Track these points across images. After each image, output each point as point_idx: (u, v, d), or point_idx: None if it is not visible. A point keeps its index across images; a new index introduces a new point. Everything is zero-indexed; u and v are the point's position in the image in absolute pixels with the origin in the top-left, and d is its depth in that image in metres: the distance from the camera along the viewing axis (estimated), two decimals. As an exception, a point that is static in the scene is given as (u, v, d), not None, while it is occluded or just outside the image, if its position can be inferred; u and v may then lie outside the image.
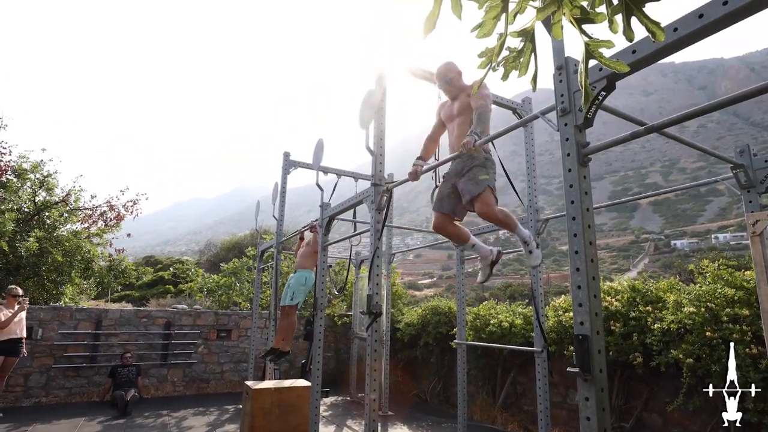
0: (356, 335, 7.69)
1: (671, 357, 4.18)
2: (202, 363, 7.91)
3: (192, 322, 7.96)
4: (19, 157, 8.85)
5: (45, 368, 6.76)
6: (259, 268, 7.15)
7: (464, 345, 5.09)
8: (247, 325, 8.35)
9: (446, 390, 7.47)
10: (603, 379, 1.67)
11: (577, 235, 1.80)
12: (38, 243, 7.71)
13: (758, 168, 2.85)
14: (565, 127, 1.93)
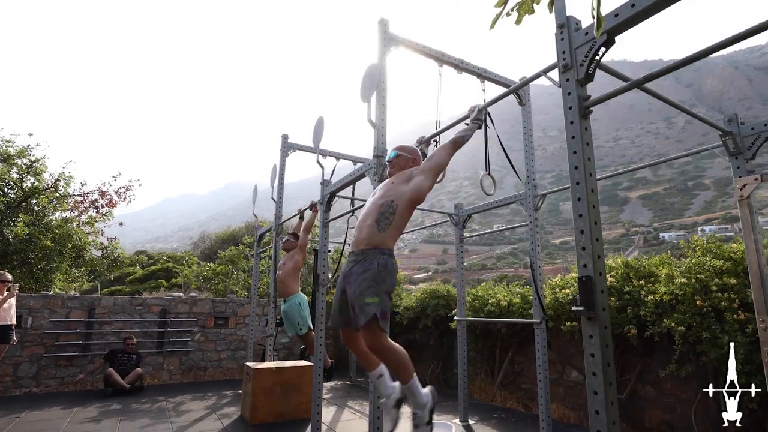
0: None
1: (664, 326, 4.30)
2: (199, 351, 7.86)
3: (188, 310, 7.91)
4: (4, 141, 8.65)
5: (36, 357, 6.63)
6: (256, 253, 7.16)
7: (464, 322, 5.19)
8: (245, 312, 8.35)
9: (445, 372, 7.56)
10: (605, 317, 1.75)
11: (579, 183, 1.88)
12: (27, 228, 7.56)
13: (745, 135, 2.96)
14: (566, 83, 2.00)
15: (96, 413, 5.29)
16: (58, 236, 8.16)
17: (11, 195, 8.61)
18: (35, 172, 8.87)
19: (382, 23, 3.73)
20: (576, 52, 1.98)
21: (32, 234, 7.81)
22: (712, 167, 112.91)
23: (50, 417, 5.07)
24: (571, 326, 5.24)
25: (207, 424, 4.86)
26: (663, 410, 4.72)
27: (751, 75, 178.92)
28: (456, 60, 4.13)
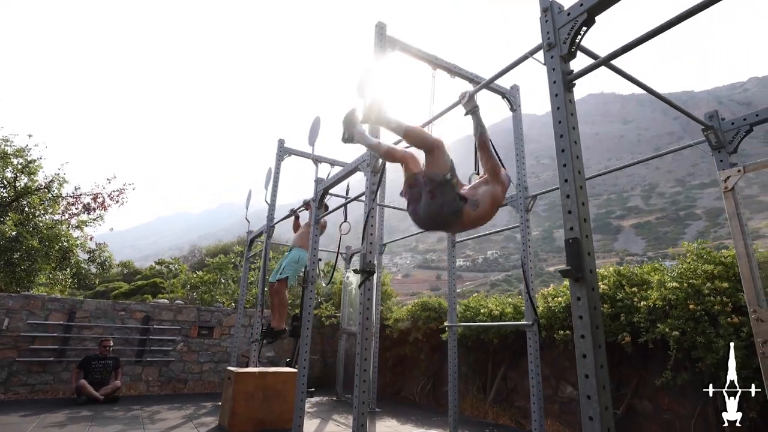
0: (344, 330, 7.61)
1: (658, 332, 4.24)
2: (180, 362, 7.57)
3: (172, 317, 7.67)
4: (2, 140, 8.63)
5: (7, 362, 6.29)
6: (246, 257, 7.05)
7: (455, 328, 5.09)
8: (231, 322, 8.13)
9: (436, 390, 7.39)
10: (594, 279, 1.71)
11: (564, 150, 1.88)
12: (15, 227, 7.45)
13: (726, 130, 3.02)
14: (551, 60, 2.07)
15: (64, 419, 5.00)
16: (45, 237, 8.02)
17: (3, 194, 8.54)
18: (29, 172, 8.80)
19: (379, 26, 3.80)
20: (559, 32, 2.07)
21: (20, 233, 7.68)
22: (702, 197, 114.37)
23: (15, 422, 4.79)
24: (564, 335, 5.15)
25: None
26: (661, 426, 4.60)
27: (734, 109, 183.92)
28: (449, 65, 4.20)
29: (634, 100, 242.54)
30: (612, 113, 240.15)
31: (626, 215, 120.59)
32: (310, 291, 4.27)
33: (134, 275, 21.77)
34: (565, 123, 1.91)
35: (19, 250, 7.72)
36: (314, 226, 4.50)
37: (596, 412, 1.55)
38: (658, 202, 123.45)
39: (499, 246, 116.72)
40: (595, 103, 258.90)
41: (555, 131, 1.93)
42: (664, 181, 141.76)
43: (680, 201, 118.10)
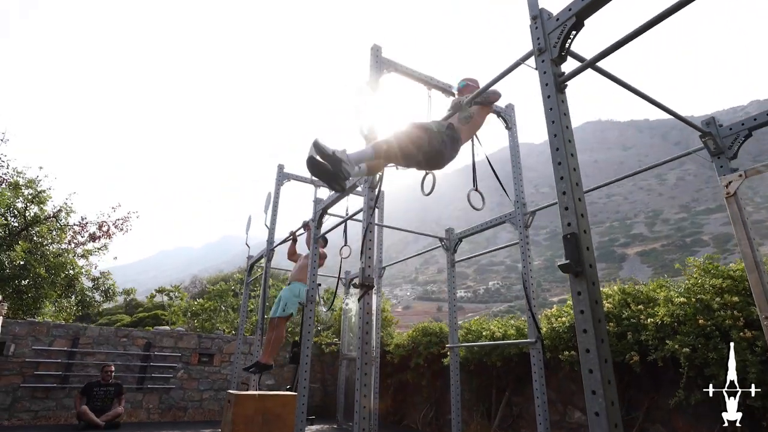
0: (345, 356, 7.46)
1: (667, 350, 4.11)
2: (181, 389, 7.49)
3: (173, 344, 7.63)
4: (15, 172, 8.95)
5: (12, 388, 6.32)
6: (246, 282, 7.00)
7: (456, 350, 4.98)
8: (231, 350, 8.03)
9: (439, 418, 7.15)
10: (593, 273, 1.68)
11: (558, 149, 1.89)
12: (24, 254, 7.59)
13: (725, 136, 3.02)
14: (542, 63, 2.11)
15: None
16: (52, 265, 8.18)
17: (14, 223, 8.80)
18: (39, 202, 9.06)
19: (375, 49, 3.88)
20: (549, 37, 2.11)
21: (28, 261, 7.88)
22: (709, 223, 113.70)
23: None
24: (569, 355, 5.01)
25: (182, 456, 4.52)
26: (677, 452, 4.41)
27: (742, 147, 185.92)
28: (444, 85, 4.26)
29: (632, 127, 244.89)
30: (610, 140, 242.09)
31: (630, 243, 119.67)
32: (310, 311, 4.21)
33: (136, 308, 21.62)
34: (558, 123, 1.92)
35: (27, 278, 7.94)
36: (313, 245, 4.47)
37: (602, 407, 1.49)
38: (663, 229, 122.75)
39: (501, 276, 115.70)
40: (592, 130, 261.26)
41: (549, 131, 1.95)
42: (668, 207, 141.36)
43: (686, 227, 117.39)
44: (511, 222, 4.52)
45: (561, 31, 2.04)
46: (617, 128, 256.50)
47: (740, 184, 2.81)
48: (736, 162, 3.05)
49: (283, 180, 6.67)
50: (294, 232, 6.03)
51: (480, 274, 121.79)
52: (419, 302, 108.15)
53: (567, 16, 2.02)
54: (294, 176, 6.75)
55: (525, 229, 4.41)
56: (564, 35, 2.03)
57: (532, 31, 2.18)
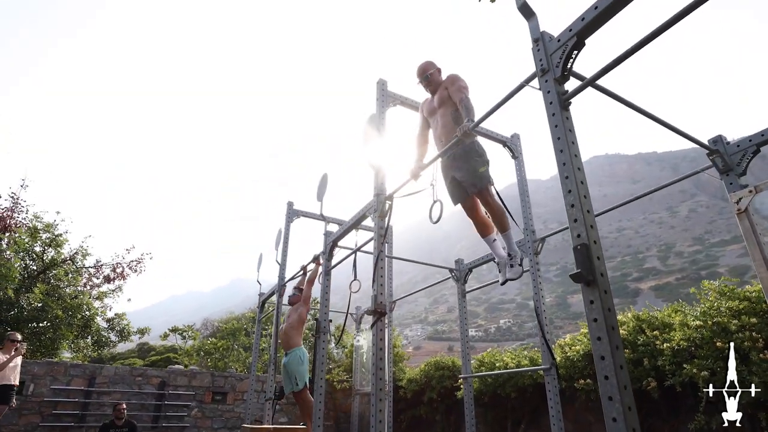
0: (358, 391, 7.34)
1: (685, 374, 4.04)
2: (195, 427, 7.44)
3: (187, 383, 7.61)
4: (34, 216, 9.22)
5: (31, 427, 6.39)
6: (258, 319, 7.02)
7: (470, 380, 4.91)
8: (244, 388, 7.97)
9: (455, 454, 6.95)
10: (605, 282, 1.73)
11: (565, 164, 1.97)
12: (42, 296, 7.75)
13: (732, 153, 3.06)
14: (545, 83, 2.21)
15: None
16: (69, 306, 8.37)
17: (32, 266, 9.05)
18: (56, 245, 9.33)
19: (380, 83, 4.07)
20: (551, 57, 2.22)
21: (45, 303, 8.09)
22: (724, 255, 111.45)
23: None
24: (585, 384, 4.92)
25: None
26: (699, 479, 4.25)
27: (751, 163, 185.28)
28: (450, 115, 4.40)
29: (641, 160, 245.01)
30: (619, 174, 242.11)
31: (644, 277, 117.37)
32: (323, 342, 4.22)
33: (148, 352, 21.49)
34: (564, 138, 2.01)
35: (45, 319, 8.16)
36: (324, 278, 4.53)
37: (619, 412, 1.51)
38: (677, 262, 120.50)
39: (512, 314, 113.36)
40: (600, 164, 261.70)
41: (555, 147, 2.03)
42: (680, 240, 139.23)
43: (701, 260, 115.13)
44: (521, 249, 4.55)
45: (563, 51, 2.14)
46: (625, 161, 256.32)
47: (751, 199, 2.84)
48: (746, 179, 3.09)
49: (293, 217, 6.79)
50: (305, 266, 6.09)
51: (491, 312, 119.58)
52: (429, 342, 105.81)
53: (568, 36, 2.12)
54: (304, 213, 6.87)
55: (535, 256, 4.44)
56: (566, 55, 2.13)
57: (535, 53, 2.28)
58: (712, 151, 3.07)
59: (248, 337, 10.07)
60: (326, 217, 5.99)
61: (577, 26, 2.09)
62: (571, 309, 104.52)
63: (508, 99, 2.71)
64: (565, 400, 5.25)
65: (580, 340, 5.40)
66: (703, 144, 3.06)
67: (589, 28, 2.07)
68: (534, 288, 4.33)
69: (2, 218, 8.89)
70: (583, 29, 2.07)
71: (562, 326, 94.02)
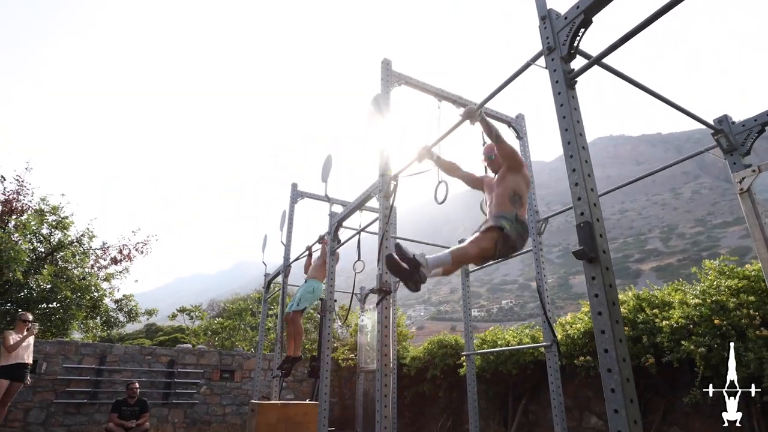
0: (362, 369, 7.51)
1: (683, 350, 4.13)
2: (204, 404, 7.67)
3: (195, 361, 7.82)
4: (40, 200, 9.37)
5: (46, 403, 6.60)
6: (264, 299, 7.15)
7: (473, 357, 5.02)
8: (251, 366, 8.19)
9: (456, 427, 7.13)
10: (607, 259, 1.78)
11: (570, 143, 2.00)
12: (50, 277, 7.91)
13: (737, 133, 3.08)
14: (552, 62, 2.22)
15: None
16: (78, 287, 8.56)
17: (40, 248, 9.18)
18: (63, 227, 9.45)
19: (385, 63, 4.05)
20: (558, 35, 2.22)
21: (54, 284, 8.23)
22: (726, 236, 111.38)
23: None
24: (585, 361, 5.03)
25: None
26: (694, 452, 4.38)
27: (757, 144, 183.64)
28: (454, 96, 4.38)
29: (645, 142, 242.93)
30: (623, 155, 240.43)
31: (645, 258, 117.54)
32: (329, 320, 4.31)
33: (156, 332, 21.86)
34: (569, 117, 2.03)
35: (55, 300, 8.34)
36: (330, 258, 4.61)
37: (618, 383, 1.58)
38: (679, 244, 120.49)
39: (514, 295, 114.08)
40: (604, 146, 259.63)
41: (560, 126, 2.05)
42: (683, 222, 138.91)
43: (702, 241, 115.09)
44: (525, 229, 4.60)
45: (570, 29, 2.13)
46: (630, 143, 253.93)
47: (754, 179, 2.87)
48: (750, 159, 3.10)
49: (297, 198, 6.84)
50: (310, 246, 6.18)
51: (493, 293, 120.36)
52: (432, 322, 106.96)
53: (575, 14, 2.11)
54: (308, 194, 6.92)
55: (538, 236, 4.50)
56: (573, 33, 2.12)
57: (541, 31, 2.27)
58: (716, 130, 3.08)
59: (254, 317, 10.25)
60: (331, 198, 6.04)
61: (585, 3, 2.08)
62: (573, 290, 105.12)
63: (514, 78, 2.72)
64: (565, 377, 5.37)
65: (581, 319, 5.49)
66: (708, 123, 3.07)
67: (597, 5, 2.06)
68: (537, 267, 4.41)
69: (8, 201, 9.01)
70: (591, 6, 2.07)
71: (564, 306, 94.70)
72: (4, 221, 8.73)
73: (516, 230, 2.75)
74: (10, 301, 8.37)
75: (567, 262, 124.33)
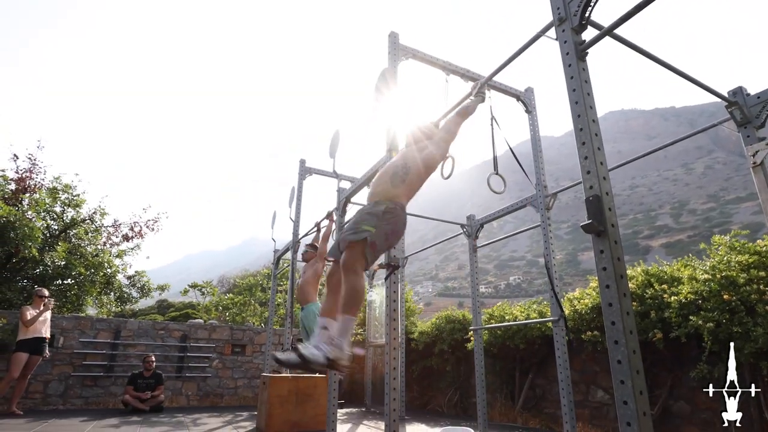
0: (371, 343, 7.64)
1: (690, 326, 4.13)
2: (217, 377, 7.87)
3: (207, 336, 7.99)
4: (54, 178, 9.51)
5: (64, 376, 6.82)
6: (274, 274, 7.24)
7: (480, 332, 5.08)
8: (262, 341, 8.36)
9: (464, 401, 7.27)
10: (615, 232, 1.77)
11: (580, 116, 1.96)
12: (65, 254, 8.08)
13: (752, 105, 3.01)
14: (562, 33, 2.16)
15: (117, 422, 5.42)
16: (91, 264, 8.79)
17: (53, 226, 9.37)
18: (75, 205, 9.63)
19: (392, 36, 3.98)
20: (569, 6, 2.16)
21: (68, 261, 8.45)
22: (738, 212, 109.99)
23: (75, 424, 5.22)
24: (592, 335, 5.06)
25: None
26: (700, 427, 4.44)
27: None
28: (462, 69, 4.30)
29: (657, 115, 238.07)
30: (634, 130, 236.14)
31: (655, 234, 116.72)
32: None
33: (168, 308, 22.33)
34: (579, 90, 1.99)
35: (69, 276, 8.55)
36: (338, 232, 4.63)
37: (624, 355, 1.59)
38: (690, 220, 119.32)
39: (522, 272, 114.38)
40: (615, 120, 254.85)
41: (570, 99, 2.02)
42: (695, 197, 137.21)
43: (714, 217, 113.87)
44: (533, 205, 4.58)
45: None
46: (642, 117, 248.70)
47: (767, 153, 2.83)
48: (765, 132, 3.05)
49: (306, 174, 6.85)
50: (319, 222, 6.20)
51: (501, 269, 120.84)
52: (440, 299, 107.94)
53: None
54: (316, 170, 6.93)
55: (546, 211, 4.46)
56: (584, 3, 2.06)
57: (552, 1, 2.21)
58: (731, 103, 3.02)
59: (264, 293, 10.41)
60: (339, 174, 6.03)
61: (596, -29, 2.03)
62: (581, 266, 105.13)
63: (523, 50, 2.66)
64: (572, 351, 5.43)
65: (589, 294, 5.50)
66: (722, 96, 3.00)
67: (609, -26, 2.01)
68: (545, 242, 4.38)
69: (21, 179, 9.14)
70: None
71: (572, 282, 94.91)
72: (18, 199, 8.88)
73: (383, 228, 2.29)
74: (26, 278, 8.60)
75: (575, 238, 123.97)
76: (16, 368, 5.67)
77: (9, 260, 8.15)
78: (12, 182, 9.05)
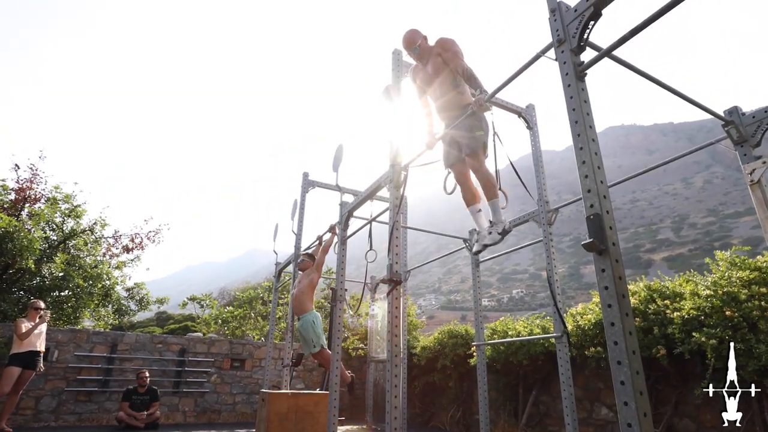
0: (373, 359, 7.58)
1: (694, 342, 4.11)
2: (215, 393, 7.77)
3: (206, 350, 7.91)
4: (53, 188, 9.46)
5: (57, 391, 6.69)
6: (275, 288, 7.22)
7: (483, 347, 5.05)
8: (261, 355, 8.28)
9: (466, 417, 7.19)
10: (617, 251, 1.78)
11: (580, 135, 1.99)
12: (63, 265, 8.02)
13: (747, 124, 3.05)
14: (562, 54, 2.20)
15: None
16: (90, 275, 8.69)
17: (52, 236, 9.30)
18: (75, 215, 9.59)
19: (396, 53, 4.05)
20: (568, 28, 2.21)
21: (67, 272, 8.38)
22: (738, 227, 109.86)
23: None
24: (595, 351, 5.03)
25: (220, 451, 4.75)
26: (706, 445, 4.38)
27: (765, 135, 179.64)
28: (466, 85, 4.37)
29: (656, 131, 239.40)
30: (634, 144, 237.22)
31: (657, 248, 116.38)
32: (339, 310, 4.36)
33: (167, 320, 22.23)
34: (579, 110, 2.02)
35: (67, 288, 8.49)
36: (340, 247, 4.64)
37: (627, 376, 1.58)
38: (691, 234, 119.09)
39: (525, 285, 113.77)
40: (615, 135, 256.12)
41: (570, 118, 2.05)
42: (694, 211, 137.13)
43: (714, 231, 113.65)
44: (535, 220, 4.60)
45: (579, 21, 2.12)
46: (641, 132, 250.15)
47: (764, 171, 2.85)
48: (761, 150, 3.08)
49: (308, 187, 6.86)
50: (321, 236, 6.21)
51: (503, 282, 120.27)
52: (443, 312, 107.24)
53: (585, 6, 2.10)
54: (319, 183, 6.94)
55: (548, 227, 4.48)
56: (582, 25, 2.11)
57: (551, 23, 2.26)
58: (727, 122, 3.05)
59: (265, 306, 10.36)
60: (342, 188, 6.05)
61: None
62: (584, 279, 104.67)
63: (524, 69, 2.70)
64: (576, 368, 5.39)
65: (592, 309, 5.48)
66: (718, 115, 3.04)
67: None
68: (547, 258, 4.39)
69: (22, 189, 9.15)
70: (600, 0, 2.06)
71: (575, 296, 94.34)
72: (17, 209, 8.89)
73: None
74: (22, 289, 8.53)
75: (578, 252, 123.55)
76: (7, 383, 5.48)
77: (5, 271, 8.11)
78: (12, 192, 9.06)
